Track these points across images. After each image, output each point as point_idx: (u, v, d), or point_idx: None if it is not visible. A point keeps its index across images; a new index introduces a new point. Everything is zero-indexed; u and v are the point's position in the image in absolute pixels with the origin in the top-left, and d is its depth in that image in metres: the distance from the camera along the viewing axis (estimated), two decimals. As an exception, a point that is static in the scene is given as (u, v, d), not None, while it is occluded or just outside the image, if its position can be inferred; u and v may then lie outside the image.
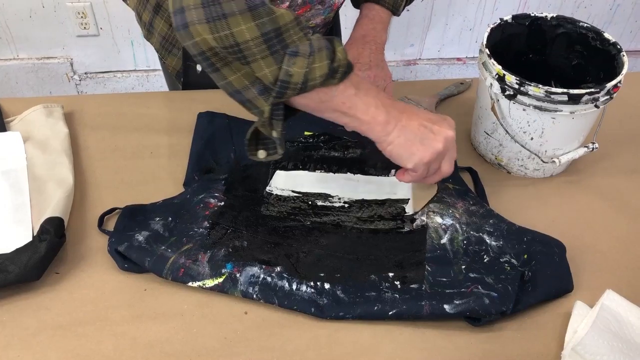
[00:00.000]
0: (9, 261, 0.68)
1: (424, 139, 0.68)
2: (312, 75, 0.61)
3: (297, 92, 0.62)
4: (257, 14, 0.58)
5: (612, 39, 0.83)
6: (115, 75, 2.11)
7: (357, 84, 0.66)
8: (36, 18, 1.91)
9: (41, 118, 0.88)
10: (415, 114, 0.69)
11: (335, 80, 0.63)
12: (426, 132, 0.68)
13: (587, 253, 0.77)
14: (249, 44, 0.59)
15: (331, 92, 0.65)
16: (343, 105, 0.66)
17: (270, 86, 0.62)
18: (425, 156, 0.68)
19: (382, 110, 0.67)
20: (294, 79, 0.61)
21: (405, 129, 0.67)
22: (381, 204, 0.80)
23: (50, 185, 0.78)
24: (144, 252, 0.70)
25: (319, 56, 0.61)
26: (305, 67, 0.60)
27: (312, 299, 0.68)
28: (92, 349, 0.65)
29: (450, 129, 0.70)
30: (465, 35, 2.19)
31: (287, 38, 0.60)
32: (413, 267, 0.71)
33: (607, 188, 0.87)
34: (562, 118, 0.79)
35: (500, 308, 0.66)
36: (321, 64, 0.61)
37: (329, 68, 0.62)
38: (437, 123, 0.69)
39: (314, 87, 0.62)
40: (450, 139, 0.69)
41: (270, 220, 0.77)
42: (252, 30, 0.59)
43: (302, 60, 0.60)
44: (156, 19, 0.94)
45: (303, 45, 0.61)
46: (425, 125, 0.68)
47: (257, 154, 0.70)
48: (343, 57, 0.63)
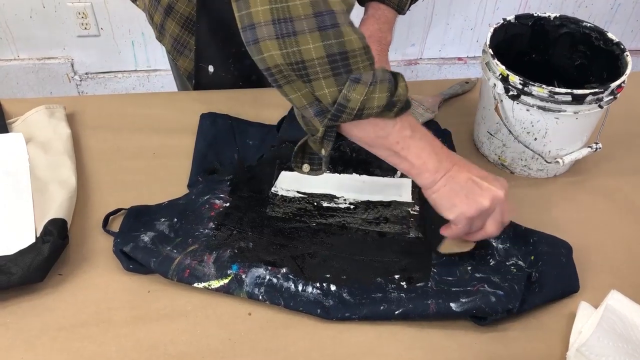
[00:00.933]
0: (12, 263, 0.68)
1: (470, 193, 0.66)
2: (370, 104, 0.61)
3: (352, 118, 0.62)
4: (325, 35, 0.59)
5: (616, 39, 0.83)
6: (116, 75, 2.10)
7: (413, 127, 0.66)
8: (37, 18, 1.91)
9: (43, 119, 0.87)
10: (467, 167, 0.68)
11: (392, 114, 0.63)
12: (474, 187, 0.66)
13: (591, 253, 0.76)
14: (314, 63, 0.60)
15: (387, 129, 0.65)
16: (396, 145, 0.65)
17: (327, 107, 0.62)
18: (468, 210, 0.66)
19: (434, 158, 0.66)
20: (351, 105, 0.61)
21: (453, 179, 0.66)
22: (387, 206, 0.80)
23: (53, 187, 0.78)
24: (150, 253, 0.70)
25: (381, 87, 0.61)
26: (364, 94, 0.61)
27: (317, 301, 0.68)
28: (96, 351, 0.64)
29: (501, 189, 0.67)
30: (466, 34, 2.19)
31: (353, 64, 0.61)
32: (419, 270, 0.71)
33: (610, 188, 0.87)
34: (565, 118, 0.79)
35: (507, 306, 0.66)
36: (381, 95, 0.61)
37: (388, 100, 0.62)
38: (487, 180, 0.67)
39: (369, 116, 0.62)
40: (498, 199, 0.67)
41: (275, 222, 0.76)
42: (318, 50, 0.59)
43: (363, 88, 0.60)
44: (167, 20, 0.95)
45: (367, 73, 0.61)
46: (475, 180, 0.67)
47: (302, 167, 0.71)
48: (403, 93, 0.63)
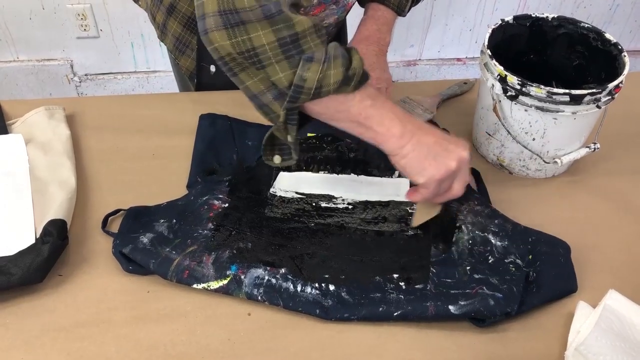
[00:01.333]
0: (11, 263, 0.68)
1: (438, 156, 0.68)
2: (327, 81, 0.62)
3: (311, 98, 0.63)
4: (273, 21, 0.60)
5: (613, 40, 0.83)
6: (115, 76, 2.11)
7: (373, 96, 0.67)
8: (36, 20, 1.91)
9: (43, 120, 0.88)
10: (432, 131, 0.69)
11: (350, 88, 0.64)
12: (440, 150, 0.68)
13: (590, 253, 0.77)
14: (265, 48, 0.61)
15: (347, 103, 0.65)
16: (359, 116, 0.66)
17: (284, 90, 0.63)
18: (438, 173, 0.68)
19: (398, 123, 0.67)
20: (308, 84, 0.62)
21: (420, 144, 0.67)
22: (385, 206, 0.80)
23: (53, 187, 0.78)
24: (149, 254, 0.70)
25: (335, 63, 0.62)
26: (319, 72, 0.61)
27: (316, 301, 0.68)
28: (95, 351, 0.65)
29: (465, 150, 0.69)
30: (465, 35, 2.19)
31: (303, 44, 0.61)
32: (418, 269, 0.71)
33: (609, 188, 0.87)
34: (563, 118, 0.79)
35: (505, 309, 0.67)
36: (336, 70, 0.62)
37: (344, 75, 0.62)
38: (452, 142, 0.69)
39: (327, 93, 0.63)
40: (463, 160, 0.69)
41: (274, 222, 0.77)
42: (268, 35, 0.61)
43: (317, 65, 0.61)
44: (170, 20, 0.95)
45: (319, 51, 0.62)
46: (440, 143, 0.68)
47: (272, 159, 0.72)
48: (359, 66, 0.63)
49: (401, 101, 0.97)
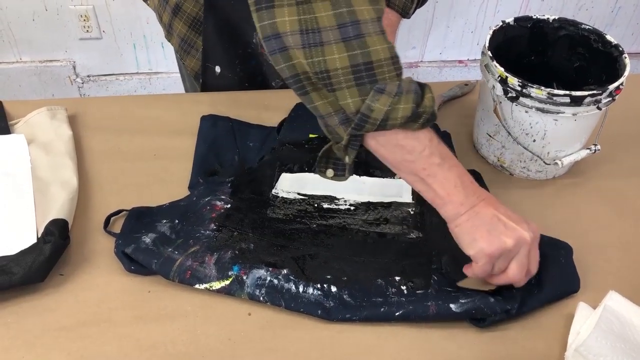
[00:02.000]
0: (13, 263, 0.68)
1: (493, 230, 0.64)
2: (394, 115, 0.61)
3: (376, 128, 0.62)
4: (349, 46, 0.60)
5: (614, 41, 0.83)
6: (117, 78, 2.11)
7: (444, 156, 0.65)
8: (39, 21, 1.92)
9: (45, 120, 0.88)
10: (495, 205, 0.66)
11: (417, 125, 0.62)
12: (498, 224, 0.64)
13: (590, 255, 0.77)
14: (338, 72, 0.60)
15: (415, 153, 0.64)
16: (423, 171, 0.64)
17: (351, 117, 0.62)
18: (489, 247, 0.63)
19: (461, 191, 0.64)
20: (374, 114, 0.61)
21: (477, 215, 0.64)
22: (387, 207, 0.80)
23: (54, 187, 0.78)
24: (151, 254, 0.71)
25: (406, 98, 0.61)
26: (388, 105, 0.60)
27: (318, 302, 0.68)
28: (96, 351, 0.65)
29: (528, 232, 0.64)
30: (467, 37, 2.19)
31: (378, 74, 0.61)
32: (420, 274, 0.71)
33: (609, 190, 0.87)
34: (564, 120, 0.79)
35: (506, 307, 0.67)
36: (406, 106, 0.61)
37: (412, 111, 0.61)
38: (514, 220, 0.65)
39: (393, 127, 0.62)
40: (522, 240, 0.64)
41: (276, 223, 0.77)
42: (343, 60, 0.60)
43: (387, 98, 0.60)
44: (175, 20, 0.96)
45: (392, 84, 0.61)
46: (500, 218, 0.64)
47: (325, 172, 0.71)
48: (430, 105, 0.62)
49: None
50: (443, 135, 0.92)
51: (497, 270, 0.66)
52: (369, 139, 0.65)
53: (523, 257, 0.65)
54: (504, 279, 0.67)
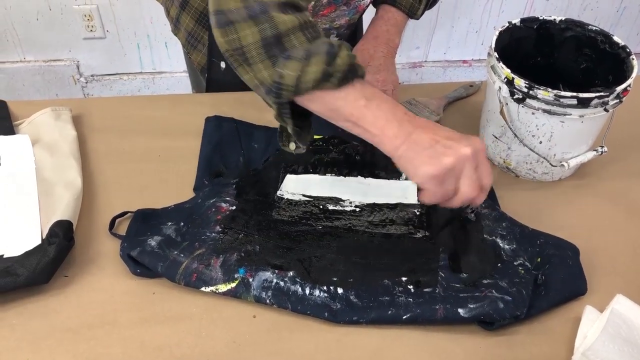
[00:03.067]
0: (18, 264, 0.68)
1: (433, 153, 0.63)
2: (305, 78, 0.62)
3: (293, 94, 0.64)
4: (258, 21, 0.62)
5: (622, 42, 0.83)
6: (121, 77, 2.11)
7: (369, 96, 0.65)
8: (43, 21, 1.92)
9: (49, 121, 0.88)
10: (432, 129, 0.65)
11: (331, 85, 0.63)
12: (437, 147, 0.64)
13: (597, 257, 0.76)
14: (250, 47, 0.63)
15: (338, 102, 0.65)
16: (352, 116, 0.65)
17: (269, 87, 0.64)
18: (431, 170, 0.63)
19: (394, 124, 0.65)
20: (286, 81, 0.63)
21: (415, 143, 0.64)
22: (392, 208, 0.80)
23: (59, 188, 0.78)
24: (157, 257, 0.71)
25: (315, 60, 0.62)
26: (298, 70, 0.62)
27: (325, 304, 0.68)
28: (101, 353, 0.65)
29: (467, 147, 0.64)
30: (471, 37, 2.18)
31: (286, 42, 0.63)
32: (426, 272, 0.71)
33: (616, 192, 0.86)
34: (571, 122, 0.78)
35: (515, 312, 0.66)
36: (316, 68, 0.62)
37: (323, 72, 0.62)
38: (454, 139, 0.64)
39: (307, 90, 0.63)
40: (463, 156, 0.63)
41: (282, 225, 0.77)
42: (255, 34, 0.63)
43: (295, 63, 0.62)
44: (182, 14, 0.97)
45: (299, 49, 0.62)
46: (438, 140, 0.64)
47: (288, 145, 0.72)
48: (344, 63, 0.63)
49: (407, 103, 0.96)
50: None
51: (449, 192, 0.65)
52: (301, 103, 0.66)
53: (470, 172, 0.64)
54: (459, 199, 0.66)
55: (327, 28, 0.93)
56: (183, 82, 2.13)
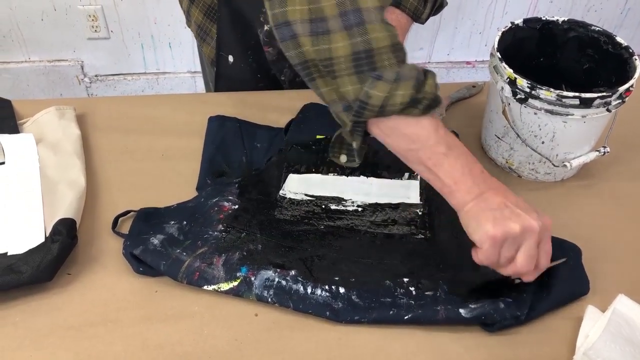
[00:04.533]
0: (21, 262, 0.68)
1: (499, 214, 0.62)
2: (392, 101, 0.61)
3: (376, 115, 0.63)
4: (351, 34, 0.61)
5: (625, 43, 0.83)
6: (125, 77, 2.12)
7: (450, 145, 0.64)
8: (48, 21, 1.93)
9: (53, 120, 0.88)
10: (504, 193, 0.64)
11: (417, 111, 0.62)
12: (505, 211, 0.62)
13: (599, 257, 0.76)
14: (340, 60, 0.61)
15: (419, 142, 0.64)
16: (428, 161, 0.64)
17: (351, 104, 0.63)
18: (493, 232, 0.61)
19: (469, 179, 0.64)
20: (372, 101, 0.61)
21: (485, 201, 0.63)
22: (395, 208, 0.80)
23: (62, 187, 0.79)
24: (159, 256, 0.71)
25: (405, 85, 0.61)
26: (386, 92, 0.61)
27: (327, 303, 0.68)
28: (103, 350, 0.65)
29: (536, 220, 0.62)
30: (474, 38, 2.18)
31: (377, 61, 0.61)
32: (428, 275, 0.71)
33: (618, 192, 0.86)
34: (573, 122, 0.78)
35: (516, 312, 0.66)
36: (404, 92, 0.61)
37: (411, 97, 0.61)
38: (524, 209, 0.63)
39: (392, 113, 0.62)
40: (530, 228, 0.61)
41: (284, 224, 0.77)
42: (346, 48, 0.61)
43: (384, 85, 0.61)
44: (192, 7, 0.98)
45: (390, 71, 0.61)
46: (508, 205, 0.62)
47: (339, 158, 0.72)
48: (430, 91, 0.62)
49: None
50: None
51: (503, 259, 0.63)
52: (373, 126, 0.65)
53: (531, 247, 0.62)
54: (512, 269, 0.64)
55: None
56: (187, 82, 2.14)
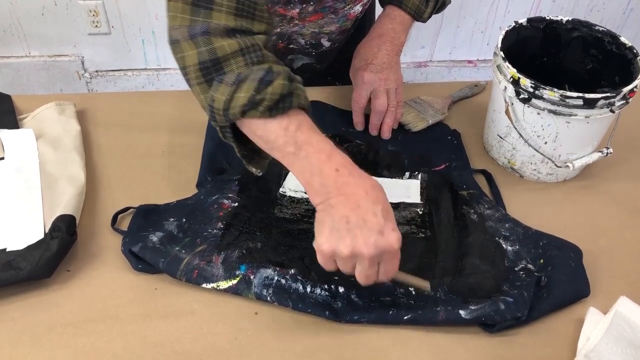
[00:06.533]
0: (20, 258, 0.68)
1: (335, 231, 0.59)
2: (233, 104, 0.61)
3: (223, 118, 0.63)
4: (196, 43, 0.62)
5: (629, 44, 0.82)
6: (125, 73, 2.11)
7: (301, 144, 0.62)
8: (48, 16, 1.92)
9: (53, 115, 0.88)
10: (355, 201, 0.59)
11: (258, 113, 0.61)
12: (343, 228, 0.59)
13: (601, 259, 0.76)
14: (190, 69, 0.63)
15: (270, 143, 0.63)
16: (283, 160, 0.64)
17: (206, 110, 0.65)
18: (322, 247, 0.60)
19: (317, 180, 0.61)
20: (216, 105, 0.62)
21: (331, 209, 0.60)
22: (395, 207, 0.79)
23: (62, 183, 0.78)
24: (158, 253, 0.70)
25: (245, 86, 0.61)
26: (227, 94, 0.61)
27: (326, 302, 0.68)
28: (102, 347, 0.65)
29: (371, 246, 0.58)
30: (476, 37, 2.18)
31: (225, 67, 0.62)
32: (428, 274, 0.71)
33: (621, 193, 0.86)
34: (576, 122, 0.78)
35: (516, 313, 0.66)
36: (245, 94, 0.61)
37: (249, 100, 0.61)
38: (367, 227, 0.59)
39: (235, 116, 0.62)
40: (359, 254, 0.59)
41: (283, 223, 0.76)
42: (193, 57, 0.62)
43: (225, 88, 0.61)
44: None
45: (232, 74, 0.62)
46: (350, 221, 0.59)
47: (251, 168, 0.71)
48: (275, 92, 0.61)
49: (412, 101, 0.96)
50: (453, 133, 0.92)
51: (343, 270, 0.62)
52: (242, 129, 0.65)
53: (365, 267, 0.60)
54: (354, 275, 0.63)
55: (315, 32, 0.93)
56: (187, 78, 2.13)
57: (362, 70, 0.88)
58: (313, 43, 0.96)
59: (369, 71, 0.88)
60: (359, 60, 0.90)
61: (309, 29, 0.91)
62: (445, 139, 0.91)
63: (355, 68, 0.90)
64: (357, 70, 0.89)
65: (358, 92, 0.89)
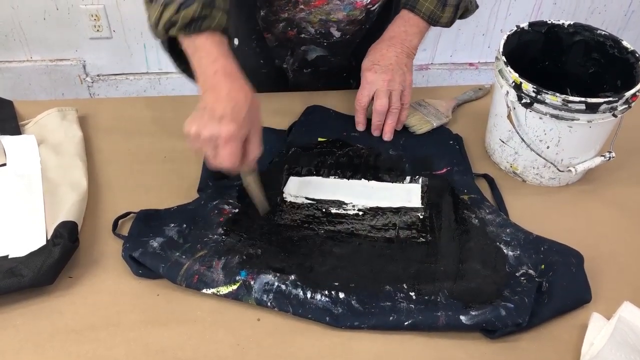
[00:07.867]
0: (22, 265, 0.68)
1: (194, 116, 0.71)
2: (160, 22, 0.72)
3: (154, 35, 0.76)
4: None
5: (631, 47, 0.82)
6: (127, 77, 2.11)
7: (198, 47, 0.73)
8: (50, 20, 1.93)
9: (55, 121, 0.88)
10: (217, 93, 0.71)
11: (175, 31, 0.72)
12: (198, 113, 0.71)
13: (604, 264, 0.76)
14: None
15: (186, 51, 0.74)
16: (192, 64, 0.74)
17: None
18: (186, 127, 0.71)
19: (200, 76, 0.73)
20: (150, 22, 0.75)
21: (202, 98, 0.72)
22: (396, 212, 0.79)
23: (64, 189, 0.78)
24: (159, 259, 0.70)
25: (170, 8, 0.71)
26: (158, 12, 0.73)
27: (326, 308, 0.68)
28: (105, 354, 0.64)
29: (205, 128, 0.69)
30: (477, 40, 2.18)
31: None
32: (428, 279, 0.71)
33: (623, 198, 0.86)
34: (579, 127, 0.78)
35: (517, 320, 0.66)
36: (168, 15, 0.71)
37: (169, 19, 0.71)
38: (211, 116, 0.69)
39: (161, 32, 0.73)
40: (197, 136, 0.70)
41: (284, 228, 0.76)
42: None
43: (155, 8, 0.73)
44: None
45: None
46: (205, 108, 0.70)
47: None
48: (186, 16, 0.71)
49: (417, 104, 0.96)
50: (455, 138, 0.91)
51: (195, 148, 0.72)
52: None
53: (209, 151, 0.71)
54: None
55: (323, 20, 0.94)
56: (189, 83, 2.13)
57: (367, 71, 0.89)
58: (323, 32, 0.97)
59: (373, 71, 0.88)
60: (367, 61, 0.91)
61: (316, 15, 0.93)
62: (447, 144, 0.90)
63: (363, 68, 0.91)
64: (364, 70, 0.90)
65: (360, 92, 0.90)
